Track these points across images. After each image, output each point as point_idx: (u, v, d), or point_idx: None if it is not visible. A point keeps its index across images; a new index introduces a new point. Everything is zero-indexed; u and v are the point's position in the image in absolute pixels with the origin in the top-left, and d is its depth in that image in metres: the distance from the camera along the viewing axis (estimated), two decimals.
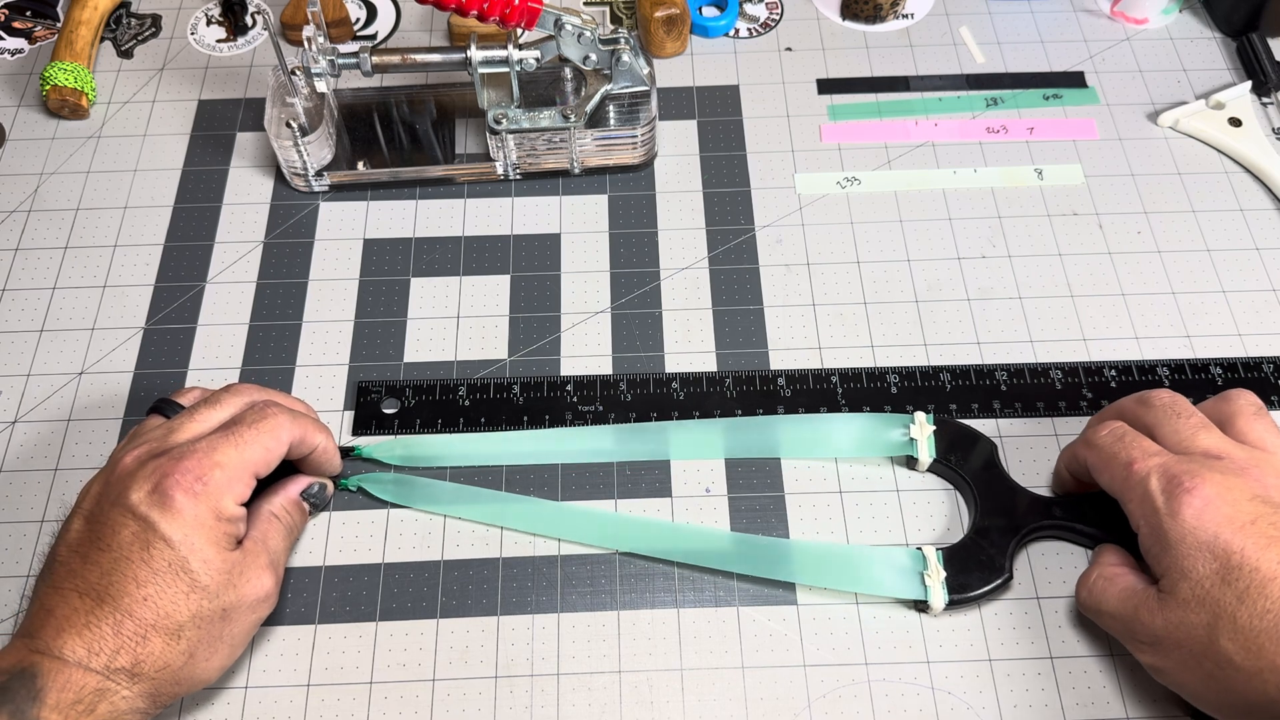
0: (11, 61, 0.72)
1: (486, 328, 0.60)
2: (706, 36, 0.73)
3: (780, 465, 0.55)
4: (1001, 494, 0.51)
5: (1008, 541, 0.50)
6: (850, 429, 0.54)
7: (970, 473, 0.52)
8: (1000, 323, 0.60)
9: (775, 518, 0.53)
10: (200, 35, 0.74)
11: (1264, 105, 0.68)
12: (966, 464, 0.52)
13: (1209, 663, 0.41)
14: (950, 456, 0.52)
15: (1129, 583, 0.45)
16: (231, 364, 0.58)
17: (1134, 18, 0.73)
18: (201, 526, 0.43)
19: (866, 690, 0.48)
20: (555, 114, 0.62)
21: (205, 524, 0.43)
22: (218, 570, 0.43)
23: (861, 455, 0.54)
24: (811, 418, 0.55)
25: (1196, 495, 0.42)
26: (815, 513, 0.53)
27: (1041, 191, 0.65)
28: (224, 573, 0.43)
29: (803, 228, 0.64)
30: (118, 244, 0.63)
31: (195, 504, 0.43)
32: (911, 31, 0.73)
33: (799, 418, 0.55)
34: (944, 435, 0.53)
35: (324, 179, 0.64)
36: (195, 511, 0.43)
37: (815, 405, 0.56)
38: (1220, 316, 0.60)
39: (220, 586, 0.43)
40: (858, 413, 0.55)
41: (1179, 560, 0.42)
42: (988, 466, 0.52)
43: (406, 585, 0.51)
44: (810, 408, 0.56)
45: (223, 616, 0.44)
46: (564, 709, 0.48)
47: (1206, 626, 0.41)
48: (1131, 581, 0.45)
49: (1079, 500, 0.51)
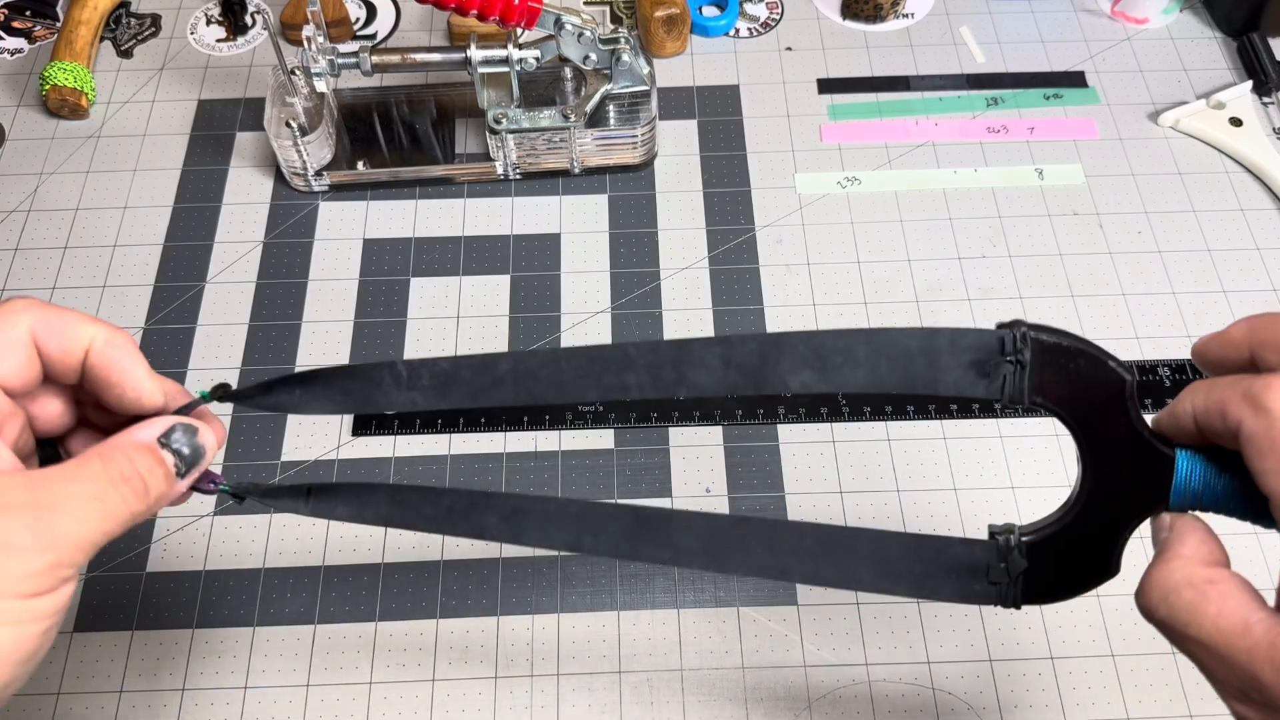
0: (11, 61, 0.72)
1: (486, 328, 0.60)
2: (707, 36, 0.73)
3: (780, 465, 0.55)
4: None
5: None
6: None
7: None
8: None
9: (776, 518, 0.53)
10: (200, 35, 0.74)
11: (1265, 105, 0.68)
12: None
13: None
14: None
15: (1239, 607, 0.29)
16: (231, 364, 0.58)
17: (1134, 17, 0.73)
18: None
19: (866, 690, 0.48)
20: (555, 114, 0.62)
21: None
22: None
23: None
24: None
25: None
26: (816, 512, 0.53)
27: (1042, 191, 0.65)
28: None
29: (803, 228, 0.64)
30: (117, 244, 0.63)
31: None
32: (912, 31, 0.73)
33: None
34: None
35: (324, 179, 0.64)
36: None
37: (815, 406, 0.56)
38: (1221, 316, 0.60)
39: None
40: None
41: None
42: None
43: (406, 585, 0.51)
44: (810, 408, 0.56)
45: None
46: (564, 709, 0.48)
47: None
48: (1241, 605, 0.29)
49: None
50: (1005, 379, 0.33)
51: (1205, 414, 0.31)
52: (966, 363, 0.33)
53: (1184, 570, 0.31)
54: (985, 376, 0.33)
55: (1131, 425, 0.33)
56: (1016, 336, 0.33)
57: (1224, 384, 0.31)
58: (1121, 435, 0.33)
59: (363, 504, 0.35)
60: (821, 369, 0.33)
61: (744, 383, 0.34)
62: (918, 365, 0.33)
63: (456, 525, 0.35)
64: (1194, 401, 0.32)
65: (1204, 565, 0.31)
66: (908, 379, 0.33)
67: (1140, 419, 0.33)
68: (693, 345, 0.34)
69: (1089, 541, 0.33)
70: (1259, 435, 0.29)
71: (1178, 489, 0.32)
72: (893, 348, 0.33)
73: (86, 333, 0.32)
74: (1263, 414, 0.29)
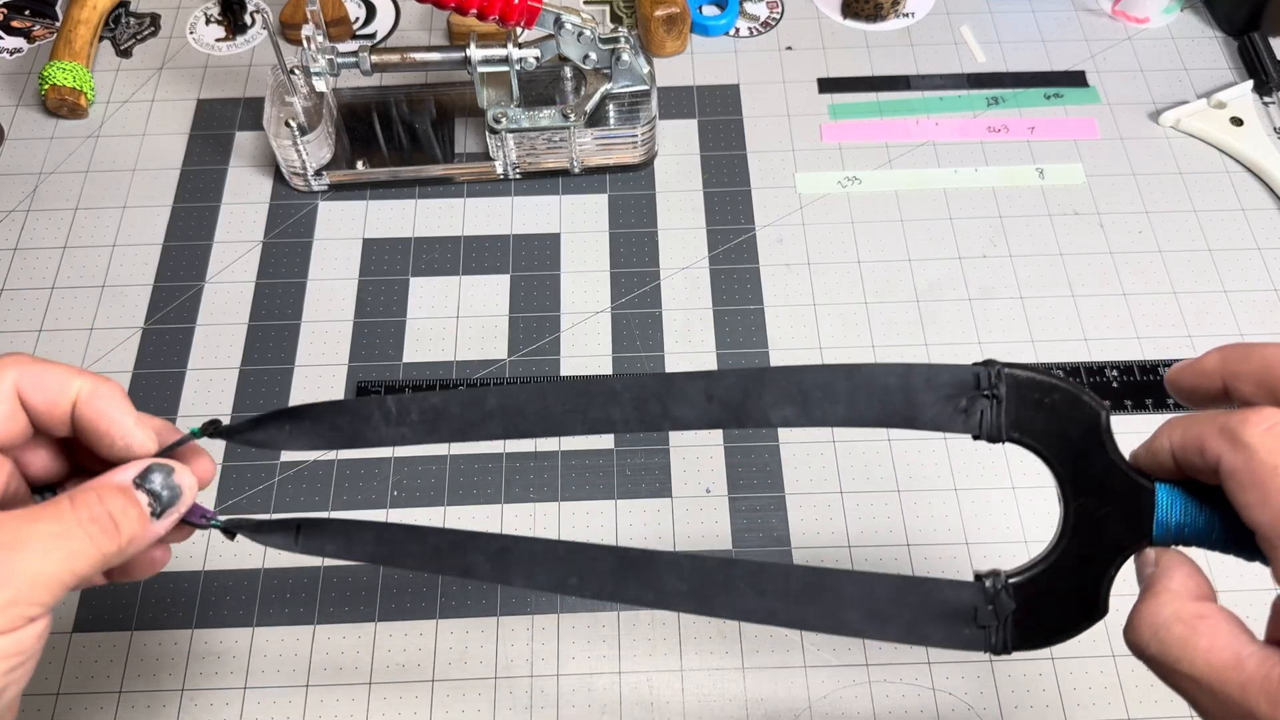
0: (10, 61, 0.72)
1: (486, 328, 0.60)
2: (707, 35, 0.73)
3: (780, 465, 0.55)
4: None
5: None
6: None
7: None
8: (1001, 322, 0.59)
9: (775, 518, 0.53)
10: (199, 34, 0.74)
11: (1265, 105, 0.68)
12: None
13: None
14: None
15: (1230, 641, 0.29)
16: (230, 364, 0.58)
17: (1135, 17, 0.73)
18: None
19: (867, 690, 0.48)
20: (555, 113, 0.62)
21: None
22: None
23: None
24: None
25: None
26: (817, 512, 0.53)
27: (1042, 191, 0.65)
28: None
29: (803, 227, 0.63)
30: (116, 244, 0.63)
31: None
32: (912, 30, 0.73)
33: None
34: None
35: (323, 178, 0.64)
36: None
37: None
38: (1222, 316, 0.60)
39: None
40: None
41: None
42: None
43: (406, 585, 0.51)
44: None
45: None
46: (564, 709, 0.48)
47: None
48: (1232, 639, 0.29)
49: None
50: (982, 414, 0.34)
51: (1183, 449, 0.32)
52: (944, 398, 0.34)
53: (1172, 605, 0.30)
54: (963, 412, 0.34)
55: (1109, 459, 0.33)
56: (991, 373, 0.34)
57: (1200, 419, 0.31)
58: (1100, 470, 0.33)
59: (350, 541, 0.36)
60: (802, 404, 0.34)
61: (727, 417, 0.35)
62: (896, 401, 0.34)
63: (443, 565, 0.35)
64: (1171, 437, 0.32)
65: (1192, 600, 0.31)
66: (886, 414, 0.34)
67: (1118, 452, 0.33)
68: (677, 379, 0.35)
69: (1076, 580, 0.33)
70: (1239, 470, 0.29)
71: (1160, 523, 0.32)
72: (871, 384, 0.34)
73: (73, 385, 0.32)
74: (1241, 448, 0.29)
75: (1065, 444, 0.33)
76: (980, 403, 0.34)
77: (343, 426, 0.36)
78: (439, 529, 0.36)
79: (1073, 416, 0.33)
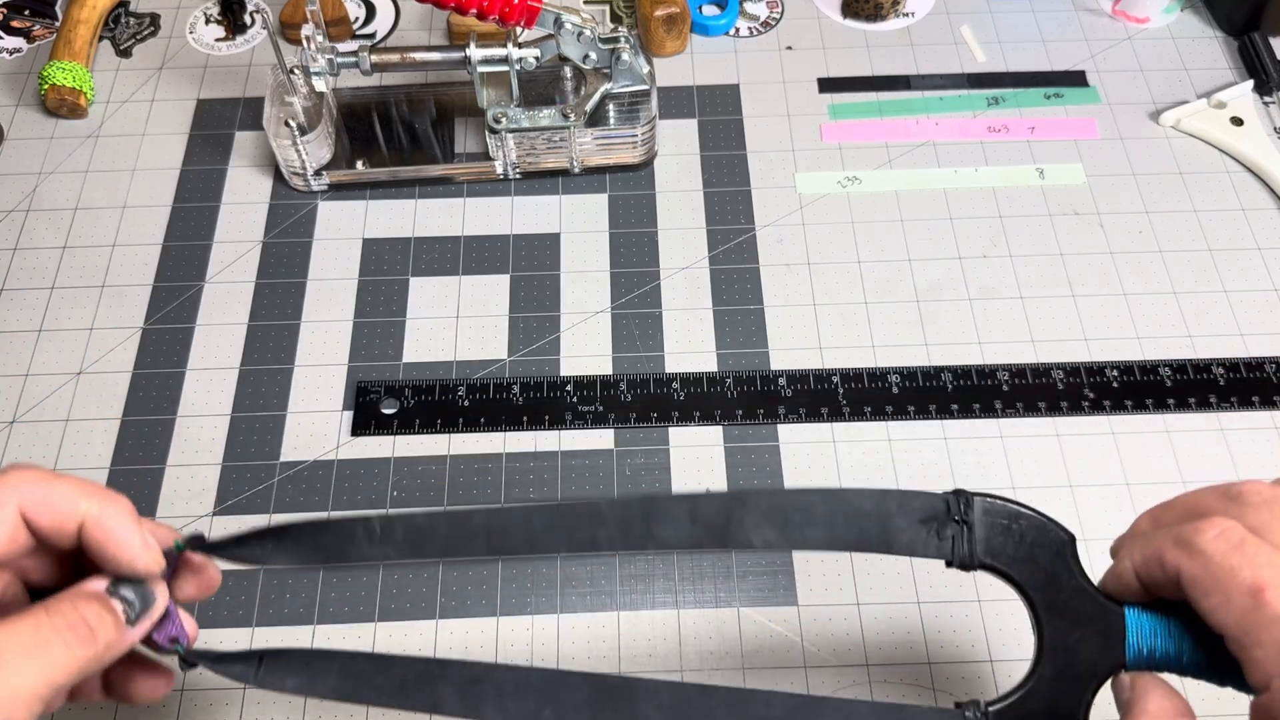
0: (10, 60, 0.72)
1: (486, 327, 0.60)
2: (707, 35, 0.73)
3: (780, 465, 0.54)
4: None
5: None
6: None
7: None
8: (1001, 322, 0.59)
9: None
10: (199, 34, 0.73)
11: (1266, 104, 0.68)
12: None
13: None
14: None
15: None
16: (230, 364, 0.58)
17: (1135, 17, 0.73)
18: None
19: (867, 690, 0.48)
20: (555, 113, 0.62)
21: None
22: None
23: None
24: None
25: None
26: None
27: (1043, 191, 0.65)
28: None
29: (803, 227, 0.63)
30: (116, 244, 0.63)
31: None
32: (912, 30, 0.73)
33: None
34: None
35: (323, 178, 0.64)
36: None
37: (816, 406, 0.56)
38: (1222, 316, 0.60)
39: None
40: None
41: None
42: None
43: (406, 585, 0.51)
44: (811, 408, 0.56)
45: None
46: None
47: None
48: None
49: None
50: (954, 540, 0.35)
51: (1144, 566, 0.33)
52: (917, 523, 0.35)
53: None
54: (935, 537, 0.35)
55: (1079, 584, 0.34)
56: (961, 501, 0.35)
57: (1156, 536, 0.33)
58: (1070, 595, 0.34)
59: (313, 675, 0.35)
60: (783, 527, 0.35)
61: (710, 538, 0.35)
62: (871, 526, 0.35)
63: (410, 698, 0.34)
64: (1132, 557, 0.34)
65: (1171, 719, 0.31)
66: (863, 539, 0.35)
67: (1086, 577, 0.34)
68: (661, 502, 0.36)
69: (1054, 706, 0.33)
70: (1199, 576, 0.31)
71: (1132, 646, 0.33)
72: (848, 508, 0.35)
73: (80, 508, 0.32)
74: (1197, 555, 0.31)
75: (1035, 570, 0.34)
76: (951, 528, 0.35)
77: (325, 545, 0.35)
78: (407, 658, 0.35)
79: (1041, 542, 0.35)
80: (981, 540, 0.35)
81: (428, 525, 0.35)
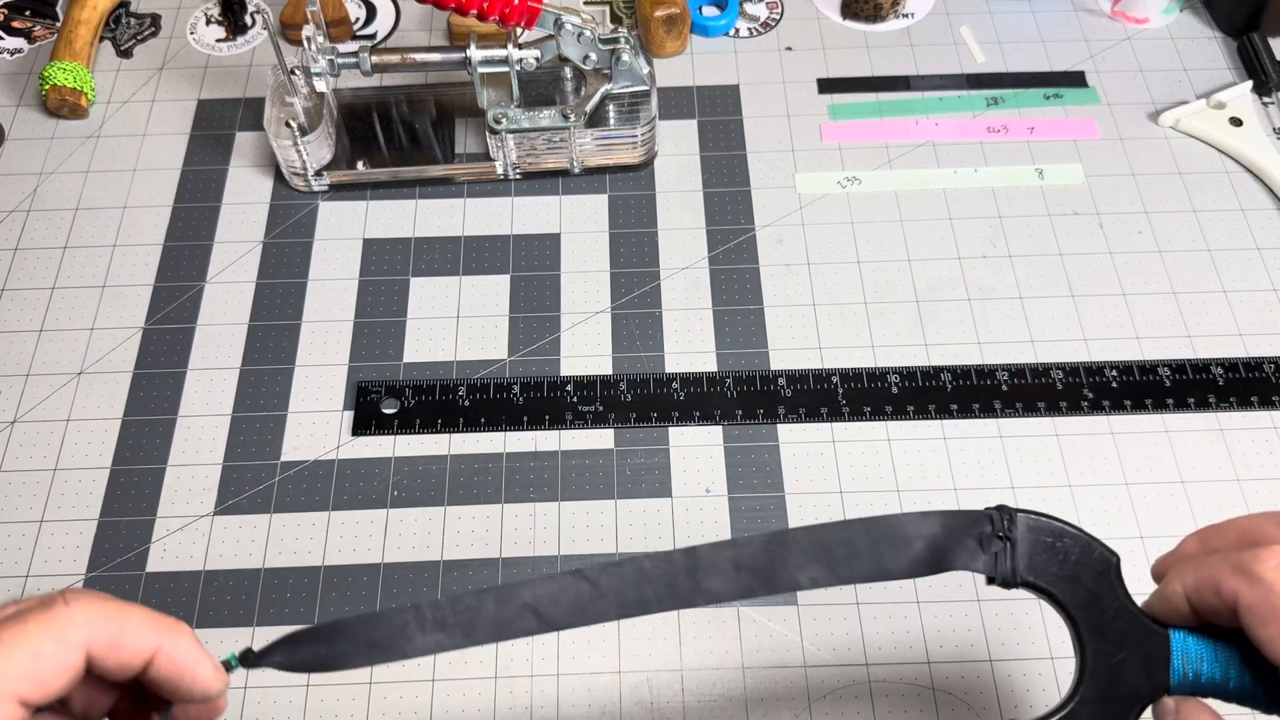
0: (11, 61, 0.72)
1: (486, 328, 0.60)
2: (707, 36, 0.73)
3: (780, 465, 0.55)
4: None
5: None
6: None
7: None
8: (1001, 322, 0.60)
9: (775, 518, 0.53)
10: (200, 35, 0.74)
11: (1265, 105, 0.68)
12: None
13: None
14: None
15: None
16: (230, 364, 0.58)
17: (1135, 17, 0.73)
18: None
19: (866, 690, 0.48)
20: (555, 114, 0.62)
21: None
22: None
23: None
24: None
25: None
26: (816, 512, 0.53)
27: (1042, 191, 0.65)
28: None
29: (803, 227, 0.63)
30: (117, 244, 0.63)
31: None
32: (912, 31, 0.73)
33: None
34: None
35: (323, 179, 0.64)
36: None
37: (815, 406, 0.56)
38: (1221, 316, 0.60)
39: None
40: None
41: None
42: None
43: (406, 585, 0.51)
44: (810, 408, 0.56)
45: None
46: (564, 709, 0.48)
47: None
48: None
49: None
50: (998, 556, 0.34)
51: (1197, 591, 0.32)
52: (962, 540, 0.34)
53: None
54: (980, 554, 0.34)
55: (1123, 604, 0.33)
56: (1004, 517, 0.34)
57: (1212, 561, 0.32)
58: (1113, 615, 0.33)
59: None
60: (829, 563, 0.34)
61: (758, 584, 0.34)
62: (919, 550, 0.34)
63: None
64: (1183, 581, 0.33)
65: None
66: (913, 565, 0.34)
67: (1130, 599, 0.33)
68: (703, 552, 0.35)
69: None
70: (1257, 604, 0.30)
71: (1177, 670, 0.33)
72: (892, 535, 0.34)
73: (150, 645, 0.30)
74: (1257, 583, 0.30)
75: (1078, 589, 0.34)
76: (995, 544, 0.34)
77: (379, 641, 0.34)
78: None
79: (1085, 561, 0.34)
80: (1024, 557, 0.34)
81: (476, 604, 0.34)
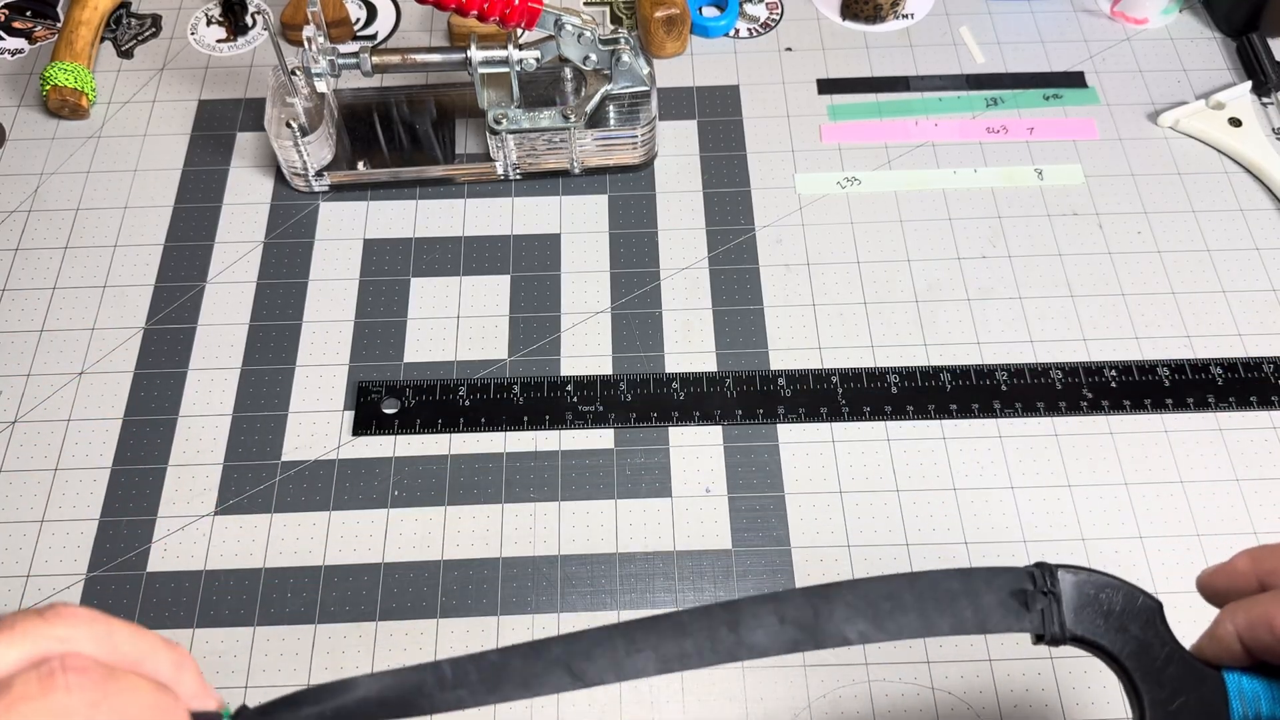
0: (11, 61, 0.72)
1: (486, 328, 0.60)
2: (706, 36, 0.73)
3: (780, 465, 0.55)
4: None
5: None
6: None
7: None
8: (1000, 323, 0.60)
9: (775, 518, 0.53)
10: (200, 35, 0.74)
11: (1264, 105, 0.68)
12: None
13: None
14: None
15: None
16: (231, 364, 0.58)
17: (1134, 18, 0.73)
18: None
19: (866, 690, 0.48)
20: (555, 114, 0.62)
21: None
22: None
23: None
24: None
25: None
26: (816, 512, 0.53)
27: (1041, 191, 0.65)
28: None
29: (803, 228, 0.64)
30: (118, 244, 0.63)
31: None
32: (911, 31, 0.73)
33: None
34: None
35: (324, 179, 0.64)
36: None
37: (815, 406, 0.56)
38: (1220, 316, 0.60)
39: None
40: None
41: None
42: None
43: (406, 585, 0.51)
44: (810, 408, 0.56)
45: None
46: (564, 709, 0.48)
47: None
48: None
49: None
50: (1043, 613, 0.34)
51: (1250, 629, 0.31)
52: (1005, 599, 0.34)
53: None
54: (1025, 614, 0.34)
55: (1174, 650, 0.33)
56: (1045, 574, 0.34)
57: (1264, 599, 0.32)
58: (1165, 662, 0.33)
59: None
60: (874, 618, 0.34)
61: (803, 638, 0.34)
62: (963, 608, 0.34)
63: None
64: (1234, 621, 0.32)
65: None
66: (958, 623, 0.34)
67: (1178, 642, 0.33)
68: (745, 606, 0.34)
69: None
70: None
71: (1236, 711, 0.32)
72: (937, 590, 0.34)
73: (138, 656, 0.31)
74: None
75: (1128, 640, 0.33)
76: (1040, 601, 0.34)
77: (391, 700, 0.34)
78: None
79: (1130, 611, 0.34)
80: (1070, 612, 0.34)
81: (501, 662, 0.33)
